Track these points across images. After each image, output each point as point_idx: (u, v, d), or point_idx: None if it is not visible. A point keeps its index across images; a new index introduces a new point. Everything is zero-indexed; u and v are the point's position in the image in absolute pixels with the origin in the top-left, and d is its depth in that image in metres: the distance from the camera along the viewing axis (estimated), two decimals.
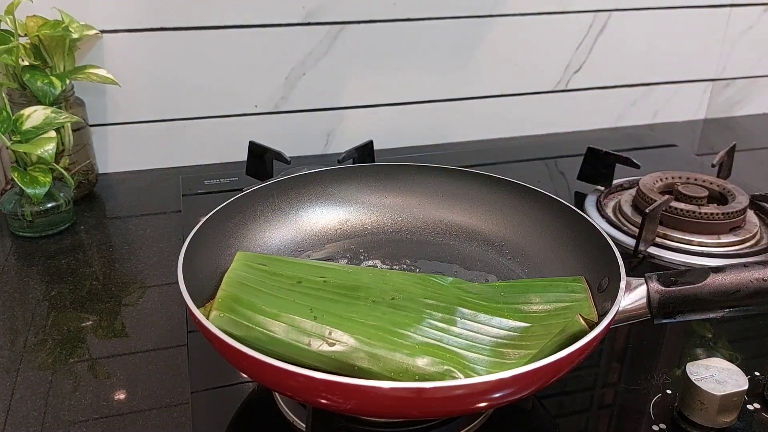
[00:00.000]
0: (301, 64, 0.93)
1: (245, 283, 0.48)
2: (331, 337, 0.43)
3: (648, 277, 0.46)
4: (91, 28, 0.81)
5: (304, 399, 0.42)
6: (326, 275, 0.50)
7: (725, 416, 0.47)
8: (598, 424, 0.50)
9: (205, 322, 0.41)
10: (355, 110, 0.98)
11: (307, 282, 0.49)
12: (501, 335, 0.47)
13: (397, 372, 0.42)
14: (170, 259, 0.70)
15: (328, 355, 0.42)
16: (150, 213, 0.81)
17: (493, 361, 0.45)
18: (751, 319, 0.62)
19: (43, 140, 0.69)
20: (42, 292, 0.64)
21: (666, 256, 0.71)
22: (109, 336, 0.58)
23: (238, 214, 0.57)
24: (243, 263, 0.51)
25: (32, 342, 0.57)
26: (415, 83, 0.99)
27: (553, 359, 0.38)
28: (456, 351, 0.44)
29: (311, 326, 0.44)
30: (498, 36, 1.00)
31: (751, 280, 0.44)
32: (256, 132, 0.90)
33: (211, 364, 0.54)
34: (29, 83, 0.73)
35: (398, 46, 0.96)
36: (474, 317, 0.48)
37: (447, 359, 0.43)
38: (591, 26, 1.03)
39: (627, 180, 0.86)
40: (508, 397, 0.39)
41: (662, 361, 0.56)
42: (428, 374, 0.42)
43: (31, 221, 0.73)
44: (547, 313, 0.49)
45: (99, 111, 0.88)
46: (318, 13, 0.90)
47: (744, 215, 0.75)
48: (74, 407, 0.50)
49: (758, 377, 0.53)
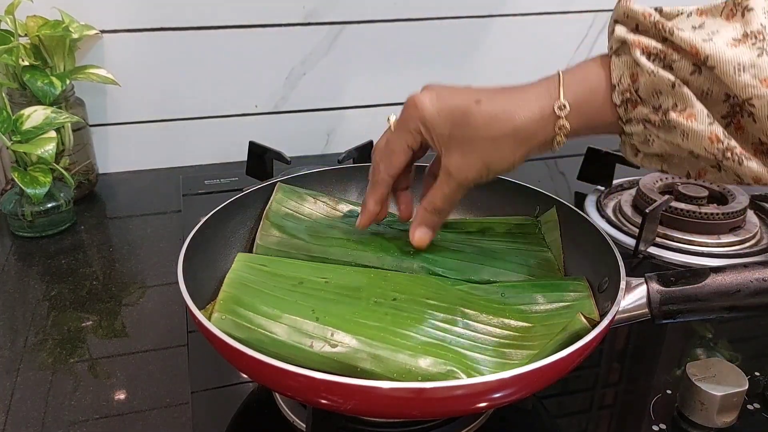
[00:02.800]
0: (301, 64, 0.93)
1: (246, 284, 0.48)
2: (333, 338, 0.43)
3: (648, 277, 0.46)
4: (91, 28, 0.81)
5: (304, 399, 0.42)
6: (328, 276, 0.50)
7: (725, 416, 0.47)
8: (598, 424, 0.50)
9: (206, 322, 0.41)
10: (355, 110, 0.98)
11: (308, 283, 0.49)
12: (503, 335, 0.47)
13: (399, 373, 0.42)
14: (170, 259, 0.70)
15: (331, 357, 0.42)
16: (150, 213, 0.81)
17: (496, 362, 0.45)
18: (751, 319, 0.62)
19: (43, 140, 0.69)
20: (42, 292, 0.64)
21: (666, 256, 0.71)
22: (109, 336, 0.58)
23: (238, 214, 0.57)
24: (244, 264, 0.51)
25: (32, 342, 0.57)
26: (415, 83, 0.98)
27: (553, 359, 0.38)
28: (458, 351, 0.44)
29: (313, 327, 0.44)
30: (498, 36, 1.00)
31: (751, 280, 0.44)
32: (256, 132, 0.90)
33: (211, 364, 0.54)
34: (29, 83, 0.73)
35: (398, 46, 0.96)
36: (476, 317, 0.48)
37: (449, 359, 0.43)
38: (591, 26, 1.03)
39: (627, 180, 0.86)
40: (509, 397, 0.39)
41: (662, 361, 0.56)
42: (431, 375, 0.41)
43: (31, 221, 0.73)
44: (549, 314, 0.49)
45: (99, 111, 0.88)
46: (318, 13, 0.90)
47: (744, 215, 0.75)
48: (74, 407, 0.50)
49: (758, 377, 0.53)
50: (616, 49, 0.43)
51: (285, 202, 0.60)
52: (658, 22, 0.40)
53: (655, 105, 0.41)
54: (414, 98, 0.47)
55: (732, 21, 0.39)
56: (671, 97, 0.40)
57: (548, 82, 0.44)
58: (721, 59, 0.37)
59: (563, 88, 0.43)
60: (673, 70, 0.40)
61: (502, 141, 0.44)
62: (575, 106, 0.43)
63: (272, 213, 0.58)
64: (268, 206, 0.59)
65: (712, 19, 0.40)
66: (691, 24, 0.40)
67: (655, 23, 0.40)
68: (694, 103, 0.39)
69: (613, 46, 0.43)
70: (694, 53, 0.38)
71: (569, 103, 0.43)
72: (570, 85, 0.43)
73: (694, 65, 0.39)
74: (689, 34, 0.39)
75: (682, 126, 0.40)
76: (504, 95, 0.45)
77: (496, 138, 0.44)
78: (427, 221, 0.51)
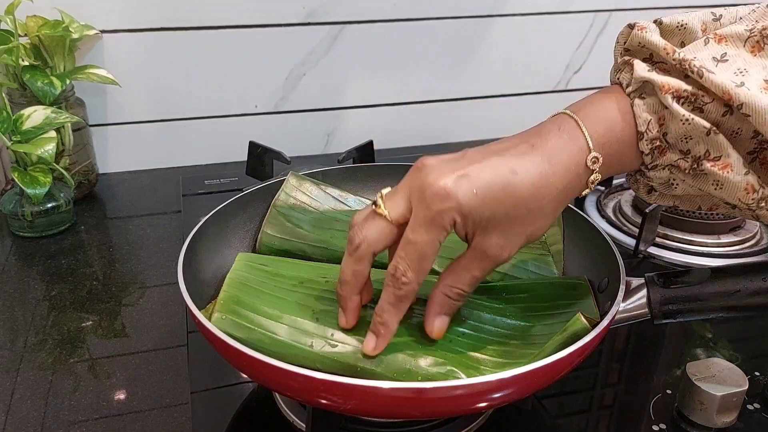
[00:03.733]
0: (301, 64, 0.93)
1: (247, 284, 0.48)
2: (333, 338, 0.43)
3: (648, 278, 0.46)
4: (91, 28, 0.81)
5: (304, 399, 0.42)
6: (328, 275, 0.51)
7: (725, 416, 0.47)
8: (598, 424, 0.50)
9: (206, 322, 0.41)
10: (355, 110, 0.98)
11: (308, 283, 0.49)
12: (504, 335, 0.47)
13: (399, 373, 0.42)
14: (170, 259, 0.70)
15: (331, 356, 0.42)
16: (150, 213, 0.81)
17: (496, 361, 0.45)
18: (751, 319, 0.62)
19: (43, 140, 0.69)
20: (42, 292, 0.64)
21: (666, 256, 0.71)
22: (109, 336, 0.58)
23: (238, 214, 0.57)
24: (244, 263, 0.51)
25: (32, 342, 0.57)
26: (415, 83, 0.99)
27: (552, 359, 0.38)
28: (459, 351, 0.44)
29: (313, 327, 0.44)
30: (498, 36, 1.00)
31: (751, 280, 0.44)
32: (256, 132, 0.90)
33: (211, 364, 0.54)
34: (29, 83, 0.73)
35: (398, 46, 0.96)
36: (476, 317, 0.48)
37: (449, 360, 0.43)
38: (591, 26, 1.03)
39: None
40: (508, 398, 0.39)
41: (662, 361, 0.56)
42: (431, 375, 0.41)
43: (31, 221, 0.73)
44: (550, 313, 0.49)
45: (99, 111, 0.88)
46: (318, 13, 0.90)
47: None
48: (74, 407, 0.50)
49: (758, 377, 0.53)
50: (638, 89, 0.39)
51: (294, 191, 0.61)
52: (684, 60, 0.37)
53: (683, 149, 0.38)
54: (437, 185, 0.38)
55: (760, 56, 0.37)
56: (704, 143, 0.37)
57: (569, 130, 0.39)
58: (757, 107, 0.35)
59: (589, 138, 0.39)
60: (703, 112, 0.37)
61: (546, 208, 0.39)
62: (605, 157, 0.39)
63: (280, 202, 0.59)
64: (277, 195, 0.60)
65: (735, 50, 0.37)
66: (711, 54, 0.37)
67: (680, 61, 0.37)
68: (730, 152, 0.37)
69: (631, 84, 0.39)
70: (727, 99, 0.36)
71: (600, 155, 0.39)
72: (594, 133, 0.39)
73: (725, 106, 0.37)
74: (721, 77, 0.36)
75: (716, 176, 0.38)
76: (531, 156, 0.39)
77: (540, 207, 0.39)
78: (447, 308, 0.43)
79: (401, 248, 0.39)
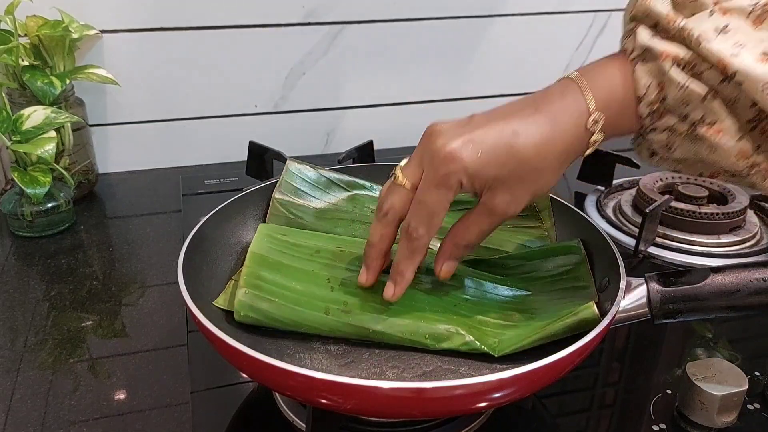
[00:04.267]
0: (300, 64, 0.93)
1: (267, 256, 0.51)
2: (346, 305, 0.47)
3: (648, 277, 0.46)
4: (91, 28, 0.81)
5: (304, 399, 0.42)
6: (343, 245, 0.54)
7: (725, 416, 0.47)
8: (598, 424, 0.50)
9: (206, 322, 0.41)
10: (355, 110, 0.98)
11: (324, 252, 0.53)
12: (506, 300, 0.50)
13: (408, 332, 0.46)
14: (170, 259, 0.70)
15: (345, 321, 0.46)
16: (150, 213, 0.81)
17: (500, 323, 0.48)
18: (751, 319, 0.62)
19: (43, 140, 0.69)
20: (42, 292, 0.64)
21: (666, 256, 0.71)
22: (109, 336, 0.58)
23: (238, 214, 0.58)
24: (265, 234, 0.54)
25: (32, 342, 0.57)
26: (415, 83, 0.99)
27: (553, 359, 0.38)
28: (463, 314, 0.48)
29: (329, 295, 0.48)
30: (498, 36, 1.00)
31: (751, 280, 0.44)
32: (256, 132, 0.90)
33: (211, 364, 0.54)
34: (29, 83, 0.73)
35: (398, 46, 0.96)
36: (480, 285, 0.51)
37: (454, 321, 0.46)
38: (591, 26, 1.03)
39: (627, 180, 0.86)
40: (508, 397, 0.39)
41: (662, 361, 0.56)
42: (437, 333, 0.45)
43: (31, 221, 0.73)
44: (549, 279, 0.52)
45: (99, 111, 0.88)
46: (318, 13, 0.90)
47: (744, 215, 0.75)
48: (74, 407, 0.50)
49: (758, 377, 0.53)
50: (640, 55, 0.40)
51: (294, 178, 0.62)
52: (683, 29, 0.38)
53: (681, 114, 0.39)
54: (444, 151, 0.41)
55: (760, 29, 0.38)
56: (700, 109, 0.39)
57: (572, 93, 0.41)
58: (750, 75, 0.36)
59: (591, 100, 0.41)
60: (702, 79, 0.38)
61: (548, 167, 0.42)
62: (606, 119, 0.41)
63: (281, 194, 0.60)
64: (278, 185, 0.60)
65: (737, 22, 0.38)
66: (714, 25, 0.38)
67: (680, 30, 0.38)
68: (725, 118, 0.38)
69: (634, 51, 0.40)
70: (722, 67, 0.37)
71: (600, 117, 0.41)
72: (596, 96, 0.41)
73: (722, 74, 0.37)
74: (717, 45, 0.37)
75: (709, 140, 0.39)
76: (535, 118, 0.41)
77: (544, 167, 0.42)
78: (456, 255, 0.47)
79: (413, 207, 0.43)
